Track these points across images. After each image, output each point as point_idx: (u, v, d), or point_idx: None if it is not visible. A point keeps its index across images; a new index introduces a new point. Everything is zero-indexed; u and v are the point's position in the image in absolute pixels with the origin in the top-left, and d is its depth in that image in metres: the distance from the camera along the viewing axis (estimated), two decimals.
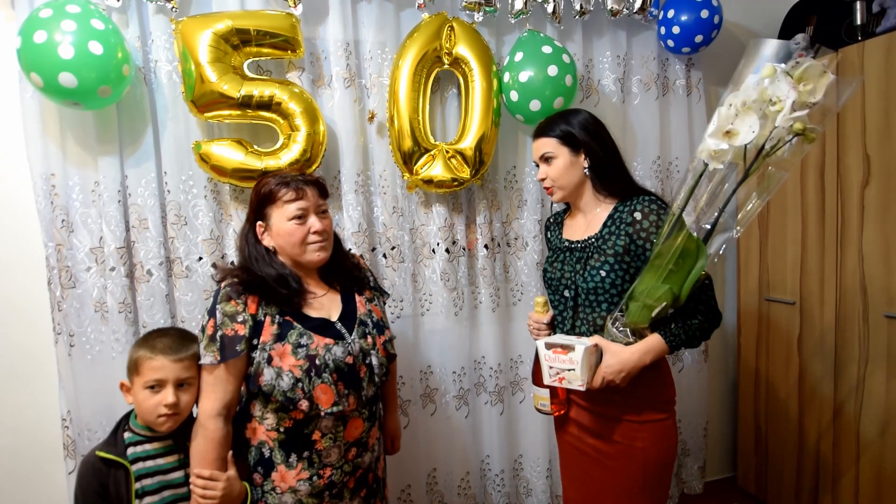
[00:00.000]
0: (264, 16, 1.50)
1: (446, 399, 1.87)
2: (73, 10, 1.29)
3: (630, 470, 1.21)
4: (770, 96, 0.95)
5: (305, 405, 1.10)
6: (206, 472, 1.08)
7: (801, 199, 1.94)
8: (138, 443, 1.14)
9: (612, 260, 1.19)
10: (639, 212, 1.20)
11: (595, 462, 1.27)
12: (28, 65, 1.28)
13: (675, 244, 1.08)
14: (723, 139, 1.01)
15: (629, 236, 1.19)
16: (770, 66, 0.97)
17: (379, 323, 1.26)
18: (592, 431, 1.27)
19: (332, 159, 1.68)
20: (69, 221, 1.48)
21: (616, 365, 1.14)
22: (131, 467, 1.11)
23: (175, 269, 1.55)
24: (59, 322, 1.48)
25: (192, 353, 1.15)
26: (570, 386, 1.16)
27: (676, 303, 1.13)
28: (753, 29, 2.25)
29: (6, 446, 1.55)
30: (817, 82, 0.95)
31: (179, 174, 1.54)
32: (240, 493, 1.13)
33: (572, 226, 1.36)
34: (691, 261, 1.09)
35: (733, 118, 1.00)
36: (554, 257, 1.35)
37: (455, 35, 1.66)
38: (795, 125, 0.95)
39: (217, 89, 1.43)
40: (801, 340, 1.98)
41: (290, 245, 1.16)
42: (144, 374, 1.11)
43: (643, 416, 1.21)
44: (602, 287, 1.20)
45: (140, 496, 1.11)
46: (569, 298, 1.27)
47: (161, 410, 1.10)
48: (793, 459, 2.04)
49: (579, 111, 1.31)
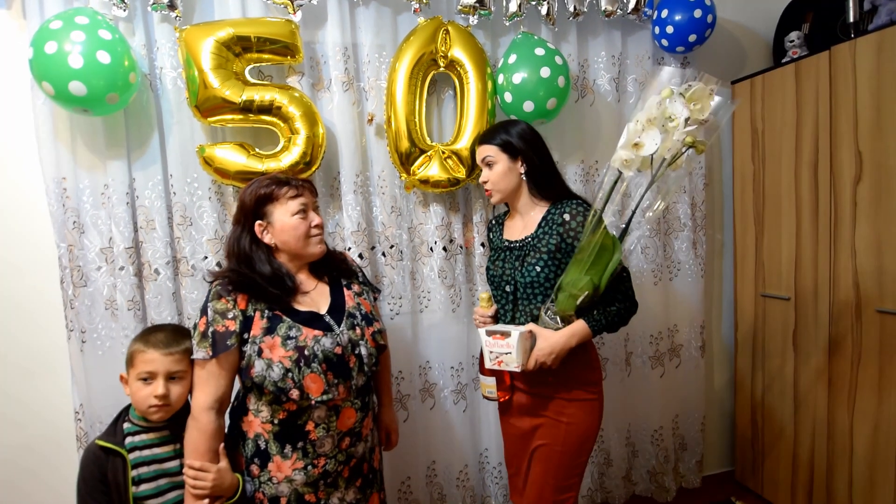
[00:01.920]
0: (264, 23, 1.55)
1: (445, 393, 1.92)
2: (82, 22, 1.35)
3: (553, 442, 1.36)
4: (669, 114, 1.12)
5: (296, 394, 1.15)
6: (196, 463, 1.14)
7: (795, 196, 1.96)
8: (136, 433, 1.20)
9: (546, 257, 1.33)
10: (567, 213, 1.34)
11: (527, 438, 1.42)
12: (40, 74, 1.34)
13: (594, 240, 1.23)
14: (631, 150, 1.17)
15: (560, 235, 1.33)
16: (668, 88, 1.14)
17: (368, 315, 1.31)
18: (529, 410, 1.41)
19: (332, 161, 1.73)
20: (80, 223, 1.54)
21: (547, 348, 1.28)
22: (128, 456, 1.17)
23: (181, 268, 1.62)
24: (71, 319, 1.54)
25: (184, 347, 1.22)
26: (508, 368, 1.30)
27: (597, 292, 1.28)
28: (750, 27, 2.27)
29: (22, 439, 1.62)
30: (705, 102, 1.12)
31: (185, 177, 1.60)
32: (231, 483, 1.18)
33: (511, 227, 1.49)
34: (608, 255, 1.25)
35: (640, 132, 1.16)
36: (496, 256, 1.48)
37: (450, 38, 1.70)
38: (687, 138, 1.12)
39: (220, 95, 1.49)
40: (797, 335, 2.00)
41: (294, 239, 1.23)
42: (137, 367, 1.19)
43: (572, 394, 1.36)
44: (537, 281, 1.34)
45: (137, 483, 1.17)
46: (509, 293, 1.40)
47: (151, 401, 1.17)
48: (789, 453, 2.07)
49: (518, 122, 1.46)
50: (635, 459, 2.19)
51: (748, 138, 2.15)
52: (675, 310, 2.17)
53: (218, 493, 1.15)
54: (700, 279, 2.18)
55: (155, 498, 1.19)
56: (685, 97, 1.11)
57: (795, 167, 1.95)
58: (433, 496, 1.94)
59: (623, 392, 2.12)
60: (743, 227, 2.21)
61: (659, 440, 2.18)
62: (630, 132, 1.17)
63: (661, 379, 2.16)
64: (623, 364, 2.11)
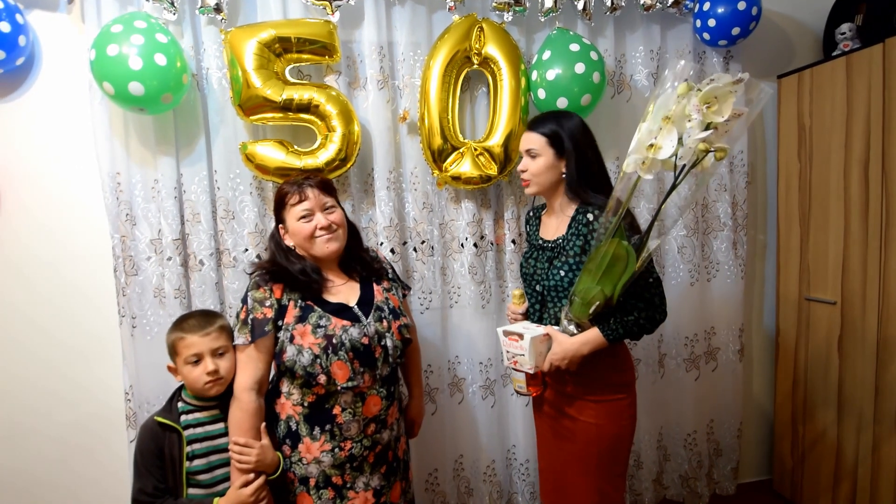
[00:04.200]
0: (304, 24, 1.60)
1: (473, 389, 1.94)
2: (141, 26, 1.43)
3: (587, 444, 1.34)
4: (687, 113, 0.99)
5: (323, 379, 1.22)
6: (241, 440, 1.21)
7: (844, 196, 1.87)
8: (190, 412, 1.28)
9: (571, 261, 1.32)
10: (591, 214, 1.30)
11: (561, 437, 1.40)
12: (101, 75, 1.43)
13: (605, 250, 1.17)
14: (647, 152, 1.06)
15: (584, 237, 1.30)
16: (686, 83, 1.00)
17: (395, 310, 1.35)
18: (558, 409, 1.40)
19: (366, 157, 1.77)
20: (132, 215, 1.64)
21: (560, 352, 1.28)
22: (184, 432, 1.25)
23: (224, 260, 1.70)
24: (123, 306, 1.65)
25: (218, 325, 1.30)
26: (522, 369, 1.32)
27: (609, 302, 1.23)
28: (798, 18, 2.17)
29: (75, 417, 1.74)
30: (724, 102, 0.96)
31: (228, 172, 1.68)
32: (273, 460, 1.24)
33: (547, 224, 1.46)
34: (622, 265, 1.18)
35: (657, 133, 1.04)
36: (529, 254, 1.47)
37: (484, 35, 1.71)
38: (699, 145, 0.99)
39: (261, 94, 1.55)
40: (842, 341, 1.92)
41: (301, 241, 1.31)
42: (182, 353, 1.26)
43: (598, 395, 1.33)
44: (561, 285, 1.33)
45: (190, 459, 1.25)
46: (538, 293, 1.40)
47: (205, 379, 1.25)
48: (830, 464, 1.98)
49: (572, 116, 1.39)
50: (667, 463, 2.15)
51: (794, 135, 2.06)
52: (713, 312, 2.11)
53: (261, 468, 1.22)
54: (740, 280, 2.11)
55: (205, 473, 1.26)
56: (698, 97, 0.98)
57: (845, 165, 1.86)
58: (460, 489, 1.96)
59: (655, 394, 2.08)
60: (787, 228, 2.13)
61: (692, 444, 2.14)
62: (643, 133, 1.06)
63: (696, 382, 2.11)
64: (656, 365, 2.07)
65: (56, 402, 1.72)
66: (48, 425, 1.73)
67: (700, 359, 2.11)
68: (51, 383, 1.71)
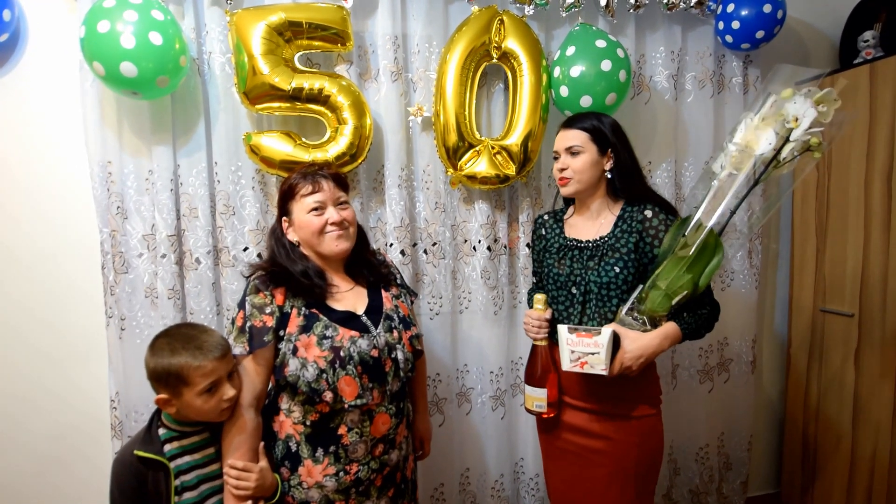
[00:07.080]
0: (316, 8, 1.50)
1: (482, 399, 1.85)
2: (135, 1, 1.32)
3: (623, 467, 1.25)
4: (786, 115, 1.10)
5: (330, 397, 1.10)
6: (239, 464, 1.09)
7: (864, 206, 1.83)
8: (174, 438, 1.12)
9: (625, 257, 1.27)
10: (649, 210, 1.28)
11: (583, 461, 1.31)
12: (91, 53, 1.31)
13: (700, 237, 1.17)
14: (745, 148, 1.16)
15: (639, 234, 1.27)
16: (790, 88, 1.11)
17: (405, 319, 1.25)
18: (584, 431, 1.31)
19: (377, 153, 1.68)
20: (123, 208, 1.52)
21: (636, 350, 1.19)
22: (170, 465, 1.09)
23: (222, 258, 1.58)
24: (111, 306, 1.52)
25: (222, 339, 1.13)
26: (593, 370, 1.20)
27: (695, 292, 1.22)
28: (816, 26, 2.14)
29: (52, 428, 1.61)
30: (830, 107, 1.10)
31: (229, 165, 1.56)
32: (271, 483, 1.13)
33: (577, 225, 1.39)
34: (709, 254, 1.20)
35: (753, 131, 1.15)
36: (560, 255, 1.38)
37: (505, 29, 1.63)
38: (813, 139, 1.10)
39: (269, 81, 1.44)
40: (859, 355, 1.88)
41: (308, 236, 1.18)
42: (198, 383, 1.06)
43: (636, 411, 1.27)
44: (615, 283, 1.27)
45: (179, 492, 1.10)
46: (577, 294, 1.31)
47: (223, 406, 1.10)
48: (843, 480, 1.94)
49: (607, 115, 1.37)
50: (677, 477, 2.08)
51: None
52: (726, 321, 2.05)
53: (259, 493, 1.10)
54: (754, 290, 2.06)
55: None
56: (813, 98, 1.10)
57: (866, 175, 1.82)
58: None
59: (666, 406, 1.97)
60: (802, 237, 2.09)
61: (704, 458, 2.08)
62: (748, 128, 1.16)
63: (710, 394, 2.05)
64: (669, 377, 2.00)
65: (32, 411, 1.59)
66: (24, 436, 1.58)
67: (713, 370, 2.05)
68: (26, 390, 1.58)
